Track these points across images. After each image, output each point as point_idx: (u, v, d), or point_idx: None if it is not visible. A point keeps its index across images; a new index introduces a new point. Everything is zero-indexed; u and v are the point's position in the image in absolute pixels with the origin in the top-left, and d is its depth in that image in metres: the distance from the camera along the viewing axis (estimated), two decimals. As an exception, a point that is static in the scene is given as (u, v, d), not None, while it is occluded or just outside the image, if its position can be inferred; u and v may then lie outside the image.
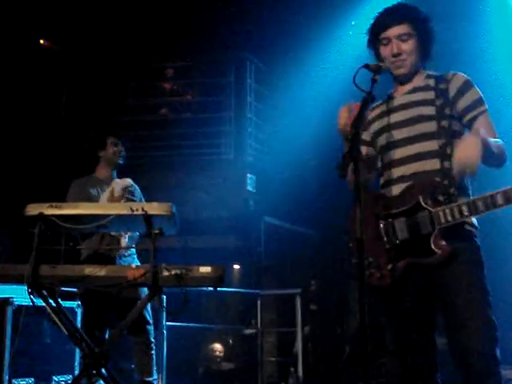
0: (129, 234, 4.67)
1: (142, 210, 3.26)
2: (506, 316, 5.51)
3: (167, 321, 5.70)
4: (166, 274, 3.34)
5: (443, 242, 2.59)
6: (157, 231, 3.31)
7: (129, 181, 4.75)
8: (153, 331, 4.75)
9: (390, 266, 2.68)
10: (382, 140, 2.88)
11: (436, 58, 2.92)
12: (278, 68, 8.19)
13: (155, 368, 4.71)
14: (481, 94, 2.77)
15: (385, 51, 2.81)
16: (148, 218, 3.27)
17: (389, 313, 2.77)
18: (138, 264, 4.44)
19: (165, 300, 4.98)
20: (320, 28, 7.54)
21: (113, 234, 4.63)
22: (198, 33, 8.24)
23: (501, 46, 6.61)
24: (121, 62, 8.19)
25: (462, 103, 2.75)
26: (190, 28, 8.28)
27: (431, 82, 2.81)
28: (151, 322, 4.75)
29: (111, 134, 5.00)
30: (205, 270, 3.34)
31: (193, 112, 8.42)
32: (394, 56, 2.78)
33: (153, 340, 4.73)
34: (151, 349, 4.70)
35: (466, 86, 2.76)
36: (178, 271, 3.33)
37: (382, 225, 2.74)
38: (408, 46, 2.78)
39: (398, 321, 2.73)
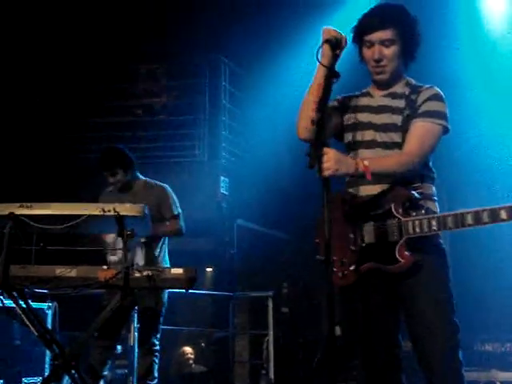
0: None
1: (114, 210, 3.25)
2: (472, 319, 5.62)
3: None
4: (137, 275, 3.34)
5: (407, 253, 2.60)
6: (129, 232, 3.31)
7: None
8: (158, 338, 4.75)
9: (352, 267, 2.69)
10: (350, 136, 2.87)
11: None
12: (253, 70, 8.20)
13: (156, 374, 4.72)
14: (446, 111, 2.75)
15: (367, 54, 2.78)
16: (120, 219, 3.26)
17: (351, 314, 2.80)
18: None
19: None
20: (295, 31, 7.56)
21: None
22: (172, 35, 8.23)
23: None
24: (94, 63, 8.14)
25: (422, 109, 2.75)
26: (164, 30, 8.27)
27: (406, 91, 2.81)
28: (159, 328, 4.76)
29: (102, 169, 4.82)
30: (176, 271, 3.34)
31: (167, 114, 8.40)
32: (375, 61, 2.76)
33: (157, 348, 4.73)
34: (154, 355, 4.71)
35: (434, 97, 2.76)
36: (150, 273, 3.33)
37: (350, 226, 2.74)
38: (390, 51, 2.75)
39: (361, 322, 2.75)
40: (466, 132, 6.02)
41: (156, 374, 4.71)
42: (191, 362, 7.93)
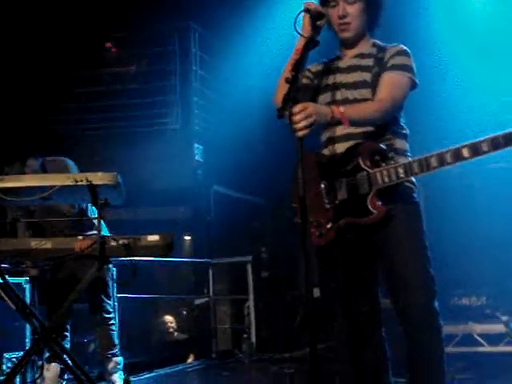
0: None
1: (87, 180, 3.22)
2: (448, 274, 5.70)
3: (118, 292, 5.66)
4: (113, 244, 3.33)
5: (379, 203, 2.64)
6: (102, 201, 3.28)
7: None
8: (111, 306, 4.74)
9: (329, 225, 2.73)
10: (324, 98, 2.88)
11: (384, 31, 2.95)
12: (223, 35, 8.10)
13: (117, 341, 4.72)
14: (413, 65, 2.81)
15: (332, 14, 2.81)
16: (93, 188, 3.23)
17: (331, 272, 2.83)
18: None
19: (115, 272, 4.94)
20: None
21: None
22: (140, 2, 8.09)
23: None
24: (63, 34, 7.97)
25: (390, 63, 2.79)
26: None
27: (373, 51, 2.86)
28: (110, 296, 4.74)
29: (19, 158, 4.61)
30: (153, 238, 3.33)
31: (137, 83, 8.29)
32: (340, 18, 2.79)
33: (111, 315, 4.72)
34: (111, 324, 4.70)
35: (399, 53, 2.81)
36: (126, 241, 3.32)
37: (322, 185, 2.78)
38: (354, 8, 2.79)
39: (341, 279, 2.78)
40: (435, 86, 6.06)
41: (116, 341, 4.70)
42: (173, 330, 7.97)
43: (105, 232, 4.66)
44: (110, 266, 4.75)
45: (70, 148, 4.95)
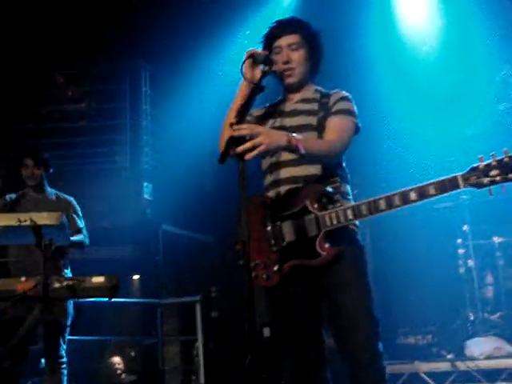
0: None
1: (31, 220, 3.18)
2: (393, 313, 5.77)
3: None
4: (57, 285, 3.27)
5: (327, 245, 2.67)
6: (47, 242, 3.23)
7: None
8: (65, 350, 4.65)
9: (276, 267, 2.74)
10: None
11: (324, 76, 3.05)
12: (174, 75, 8.15)
13: None
14: (354, 108, 2.91)
15: (277, 60, 2.88)
16: (37, 229, 3.18)
17: (279, 314, 2.83)
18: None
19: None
20: (216, 35, 7.57)
21: None
22: (91, 40, 8.08)
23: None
24: (12, 68, 7.89)
25: (335, 108, 2.88)
26: (83, 35, 8.11)
27: (317, 96, 2.95)
28: (65, 341, 4.66)
29: (27, 155, 4.91)
30: (98, 280, 3.30)
31: (87, 120, 8.24)
32: (284, 63, 2.88)
33: (64, 359, 4.63)
34: (63, 368, 4.60)
35: (343, 99, 2.91)
36: (70, 282, 3.27)
37: (269, 227, 2.79)
38: (297, 55, 2.90)
39: (286, 320, 2.79)
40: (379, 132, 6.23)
41: None
42: (120, 371, 7.82)
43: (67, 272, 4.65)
44: (70, 309, 4.66)
45: (15, 186, 4.89)
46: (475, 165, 2.45)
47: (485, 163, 2.44)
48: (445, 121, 6.57)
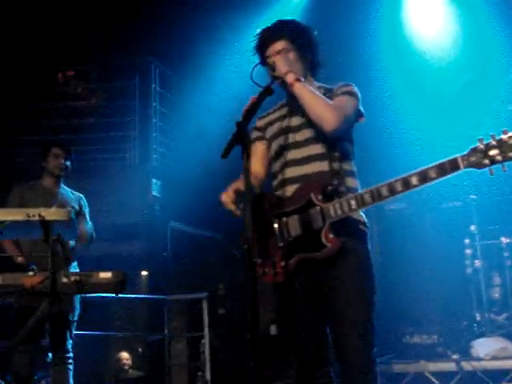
0: None
1: (39, 215, 3.20)
2: (400, 312, 5.77)
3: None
4: (65, 280, 3.30)
5: (333, 236, 2.68)
6: (55, 237, 3.26)
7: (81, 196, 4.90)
8: (72, 345, 4.65)
9: (283, 263, 2.75)
10: (277, 142, 2.96)
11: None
12: (184, 73, 8.17)
13: (72, 381, 4.62)
14: (357, 93, 2.90)
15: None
16: (45, 224, 3.21)
17: (284, 310, 2.84)
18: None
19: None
20: (225, 31, 7.58)
21: None
22: (103, 36, 8.12)
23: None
24: (23, 65, 7.95)
25: (339, 91, 2.89)
26: (94, 32, 8.15)
27: (322, 91, 2.93)
28: (72, 335, 4.66)
29: (56, 145, 4.92)
30: (105, 275, 3.32)
31: (97, 117, 8.28)
32: (275, 71, 2.87)
33: (71, 354, 4.63)
34: (69, 363, 4.61)
35: (346, 85, 2.92)
36: (78, 277, 3.30)
37: (275, 224, 2.81)
38: None
39: (293, 317, 2.80)
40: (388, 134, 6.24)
41: (71, 382, 4.61)
42: (127, 367, 7.85)
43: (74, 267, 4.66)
44: (77, 305, 4.66)
45: (28, 181, 4.92)
46: (475, 146, 2.44)
47: (484, 143, 2.43)
48: (454, 121, 6.56)
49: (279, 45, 2.91)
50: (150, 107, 8.09)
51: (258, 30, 3.00)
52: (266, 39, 2.95)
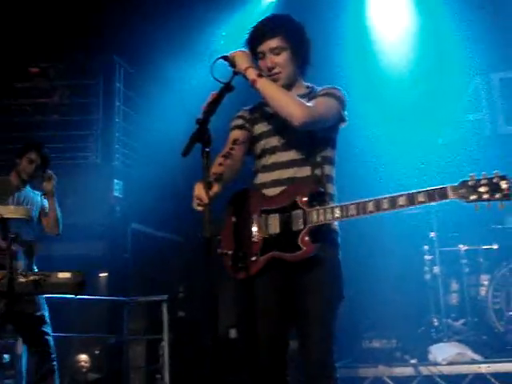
0: None
1: (-3, 213, 3.14)
2: (359, 317, 5.81)
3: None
4: (22, 280, 3.24)
5: (308, 239, 2.69)
6: (13, 235, 3.20)
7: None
8: (52, 342, 4.55)
9: (253, 258, 2.76)
10: (261, 144, 2.96)
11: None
12: (148, 73, 8.12)
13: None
14: (341, 96, 2.90)
15: (262, 65, 2.90)
16: (3, 222, 3.15)
17: (246, 311, 2.84)
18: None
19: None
20: (190, 36, 7.56)
21: None
22: (66, 34, 8.02)
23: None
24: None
25: (321, 92, 2.89)
26: (58, 29, 8.04)
27: (307, 91, 2.96)
28: (50, 333, 4.57)
29: (37, 150, 4.81)
30: (64, 275, 3.27)
31: (59, 114, 8.16)
32: (269, 70, 2.88)
33: (53, 352, 4.53)
34: (52, 360, 4.52)
35: (332, 88, 2.92)
36: (36, 277, 3.24)
37: (254, 219, 2.82)
38: (281, 59, 2.87)
39: (254, 316, 2.80)
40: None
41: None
42: (85, 369, 7.75)
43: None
44: (42, 302, 4.49)
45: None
46: (466, 179, 2.52)
47: (475, 179, 2.51)
48: (416, 130, 6.65)
49: (275, 42, 2.86)
50: (113, 107, 8.00)
51: (254, 24, 2.94)
52: (260, 34, 2.89)
